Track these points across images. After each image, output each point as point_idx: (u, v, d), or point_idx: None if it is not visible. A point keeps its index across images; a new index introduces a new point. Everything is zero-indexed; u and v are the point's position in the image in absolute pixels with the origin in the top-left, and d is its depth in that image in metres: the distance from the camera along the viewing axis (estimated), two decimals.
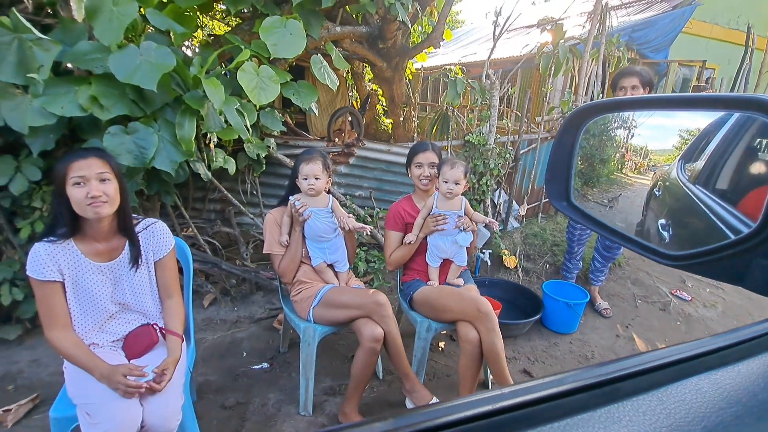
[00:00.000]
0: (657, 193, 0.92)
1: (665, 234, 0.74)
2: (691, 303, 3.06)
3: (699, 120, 0.81)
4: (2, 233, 1.95)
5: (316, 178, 1.74)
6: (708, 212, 0.69)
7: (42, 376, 1.98)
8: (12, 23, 1.37)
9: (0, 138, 1.70)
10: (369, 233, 1.84)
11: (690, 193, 0.78)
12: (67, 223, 1.23)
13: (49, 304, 1.22)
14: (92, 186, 1.18)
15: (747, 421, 0.22)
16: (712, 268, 0.50)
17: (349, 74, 5.59)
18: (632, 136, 1.00)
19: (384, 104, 5.86)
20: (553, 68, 3.12)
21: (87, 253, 1.27)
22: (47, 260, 1.20)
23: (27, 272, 1.20)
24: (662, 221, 0.81)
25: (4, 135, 1.68)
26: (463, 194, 1.94)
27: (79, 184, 1.18)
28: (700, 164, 0.81)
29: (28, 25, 1.40)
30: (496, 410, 0.21)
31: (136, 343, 1.37)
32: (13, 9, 1.39)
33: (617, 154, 1.06)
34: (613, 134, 1.05)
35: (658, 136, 0.92)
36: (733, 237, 0.52)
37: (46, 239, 1.23)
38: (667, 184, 0.90)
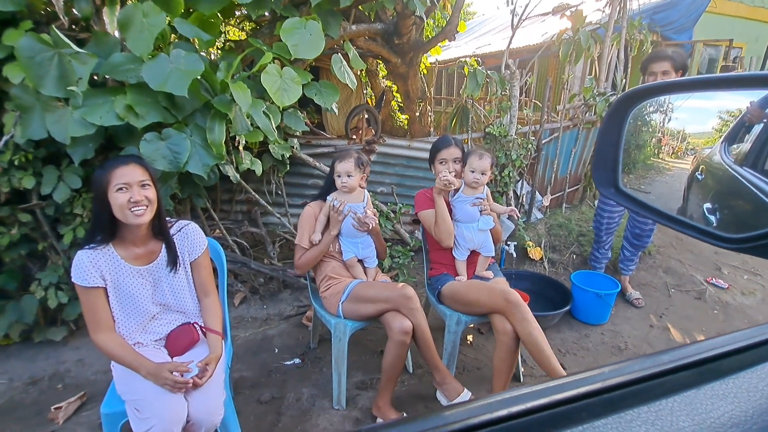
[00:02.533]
0: (699, 177, 0.90)
1: (712, 218, 0.73)
2: (729, 291, 2.96)
3: (741, 100, 0.79)
4: (47, 240, 2.05)
5: (349, 176, 1.79)
6: (759, 194, 0.68)
7: (87, 374, 2.07)
8: (52, 40, 1.44)
9: (43, 149, 1.79)
10: (368, 228, 1.85)
11: (737, 175, 0.76)
12: (106, 229, 1.28)
13: (94, 308, 1.27)
14: (134, 191, 1.23)
15: None
16: None
17: (363, 72, 5.59)
18: (669, 120, 0.98)
19: (399, 100, 5.85)
20: (573, 55, 3.05)
21: (126, 258, 1.32)
22: (90, 267, 1.25)
23: (72, 279, 1.25)
24: (708, 205, 0.79)
25: (46, 146, 1.77)
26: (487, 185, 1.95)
27: (122, 189, 1.22)
28: (746, 146, 0.79)
29: (66, 40, 1.46)
30: (603, 389, 0.21)
31: (178, 342, 1.42)
32: (53, 26, 1.46)
33: (653, 139, 1.04)
34: (648, 119, 1.03)
35: (696, 119, 0.90)
36: None
37: (87, 246, 1.28)
38: (711, 167, 0.87)
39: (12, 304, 2.05)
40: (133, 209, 1.24)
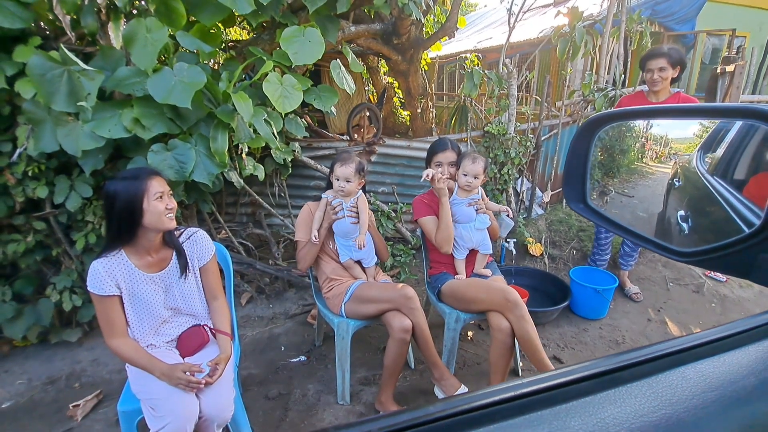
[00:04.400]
0: (676, 183, 0.94)
1: (685, 225, 0.77)
2: (726, 284, 2.99)
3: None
4: (60, 246, 2.14)
5: (348, 181, 1.81)
6: (725, 205, 0.72)
7: (102, 373, 2.16)
8: (61, 57, 1.51)
9: (55, 160, 1.87)
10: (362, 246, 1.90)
11: (708, 184, 0.80)
12: (125, 236, 1.35)
13: (109, 315, 1.34)
14: (169, 199, 1.36)
15: (726, 403, 0.27)
16: (721, 263, 0.54)
17: (364, 69, 5.61)
18: (651, 126, 1.02)
19: (401, 97, 5.88)
20: (571, 52, 3.07)
21: (139, 266, 1.39)
22: (105, 276, 1.31)
23: (88, 288, 1.31)
24: (681, 212, 0.83)
25: (58, 157, 1.85)
26: (484, 185, 2.00)
27: (161, 198, 1.33)
28: (718, 155, 0.82)
29: (74, 57, 1.53)
30: (516, 396, 0.27)
31: (189, 343, 1.49)
32: (61, 45, 1.52)
33: (637, 144, 1.07)
34: (632, 124, 1.06)
35: (679, 124, 0.93)
36: (747, 230, 0.55)
37: (102, 255, 1.34)
38: (687, 174, 0.91)
39: (29, 308, 2.14)
40: (167, 215, 1.35)
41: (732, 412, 0.27)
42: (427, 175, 1.86)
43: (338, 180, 1.81)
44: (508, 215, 2.03)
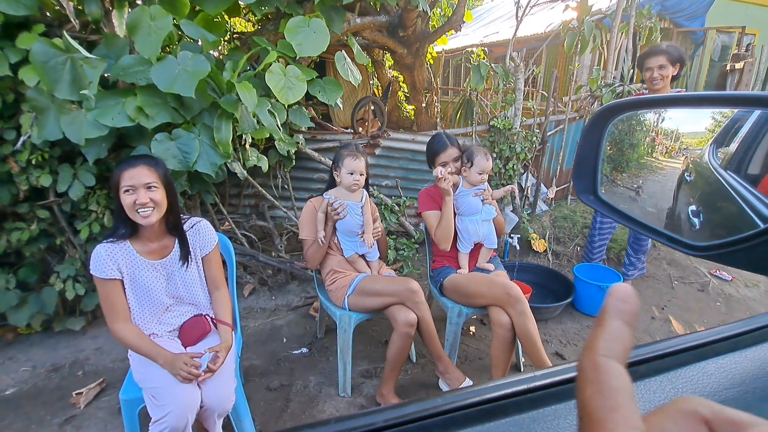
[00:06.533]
0: (688, 178, 0.92)
1: (695, 221, 0.75)
2: (732, 283, 2.97)
3: None
4: (64, 234, 2.14)
5: (361, 174, 1.80)
6: (739, 200, 0.70)
7: (105, 362, 2.18)
8: (64, 44, 1.49)
9: (58, 148, 1.86)
10: (370, 245, 1.88)
11: (721, 179, 0.78)
12: (127, 224, 1.35)
13: (111, 299, 1.34)
14: (140, 194, 1.29)
15: (749, 400, 0.26)
16: (736, 257, 0.52)
17: (370, 63, 5.57)
18: (662, 120, 1.00)
19: (406, 91, 5.83)
20: (578, 46, 3.03)
21: (141, 252, 1.39)
22: (107, 260, 1.32)
23: (90, 271, 1.32)
24: (692, 208, 0.82)
25: (61, 145, 1.84)
26: (489, 178, 2.01)
27: (128, 191, 1.29)
28: (732, 149, 0.80)
29: (77, 45, 1.51)
30: (529, 389, 0.26)
31: (191, 332, 1.49)
32: (65, 32, 1.51)
33: (647, 138, 1.05)
34: (642, 118, 1.04)
35: (690, 118, 0.91)
36: (762, 225, 0.54)
37: (106, 240, 1.35)
38: (699, 168, 0.89)
39: (33, 296, 2.15)
40: (139, 211, 1.30)
41: (755, 411, 0.26)
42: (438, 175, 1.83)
43: (352, 174, 1.79)
44: (515, 209, 2.02)
